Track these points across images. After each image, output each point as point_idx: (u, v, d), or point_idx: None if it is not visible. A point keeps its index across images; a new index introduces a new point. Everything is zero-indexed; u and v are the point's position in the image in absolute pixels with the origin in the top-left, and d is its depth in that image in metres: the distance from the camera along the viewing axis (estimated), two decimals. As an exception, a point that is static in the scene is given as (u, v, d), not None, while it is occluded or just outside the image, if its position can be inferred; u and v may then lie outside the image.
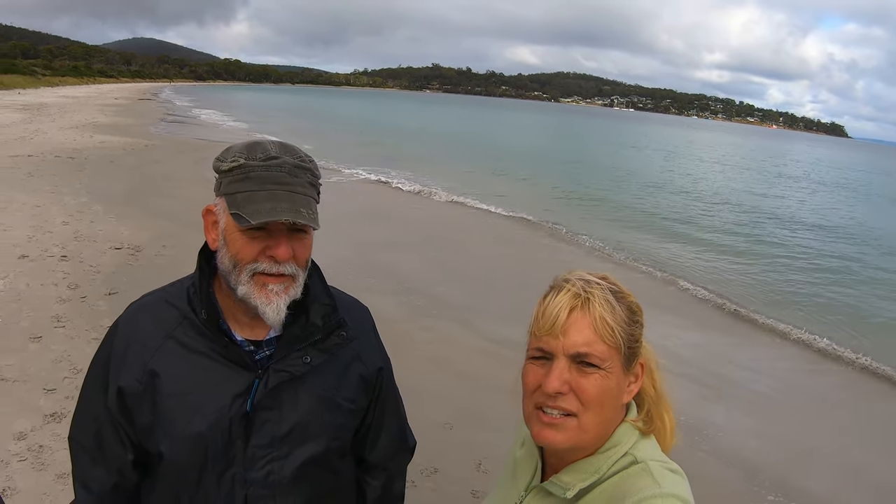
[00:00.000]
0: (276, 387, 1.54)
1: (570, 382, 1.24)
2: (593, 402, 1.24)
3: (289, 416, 1.56)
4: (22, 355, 5.75)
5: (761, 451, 5.84)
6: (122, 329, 1.58)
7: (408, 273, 10.31)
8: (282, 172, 1.45)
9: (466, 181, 22.35)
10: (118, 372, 1.52)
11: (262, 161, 1.44)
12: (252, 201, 1.42)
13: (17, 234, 9.62)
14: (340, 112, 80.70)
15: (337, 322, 1.65)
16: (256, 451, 1.54)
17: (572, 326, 1.24)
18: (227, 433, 1.51)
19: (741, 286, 12.23)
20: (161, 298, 1.60)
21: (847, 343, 9.18)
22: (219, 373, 1.52)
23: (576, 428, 1.26)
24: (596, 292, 1.26)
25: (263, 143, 1.49)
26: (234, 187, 1.45)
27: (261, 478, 1.54)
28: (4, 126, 26.23)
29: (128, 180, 15.52)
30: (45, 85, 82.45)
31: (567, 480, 1.31)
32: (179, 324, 1.54)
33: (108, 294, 7.50)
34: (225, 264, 1.50)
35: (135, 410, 1.52)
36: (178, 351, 1.52)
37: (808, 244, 17.90)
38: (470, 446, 5.14)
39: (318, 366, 1.60)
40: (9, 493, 3.95)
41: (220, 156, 1.51)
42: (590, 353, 1.24)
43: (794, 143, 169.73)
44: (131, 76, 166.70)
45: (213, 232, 1.54)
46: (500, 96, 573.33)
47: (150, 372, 1.50)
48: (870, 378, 8.22)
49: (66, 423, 4.77)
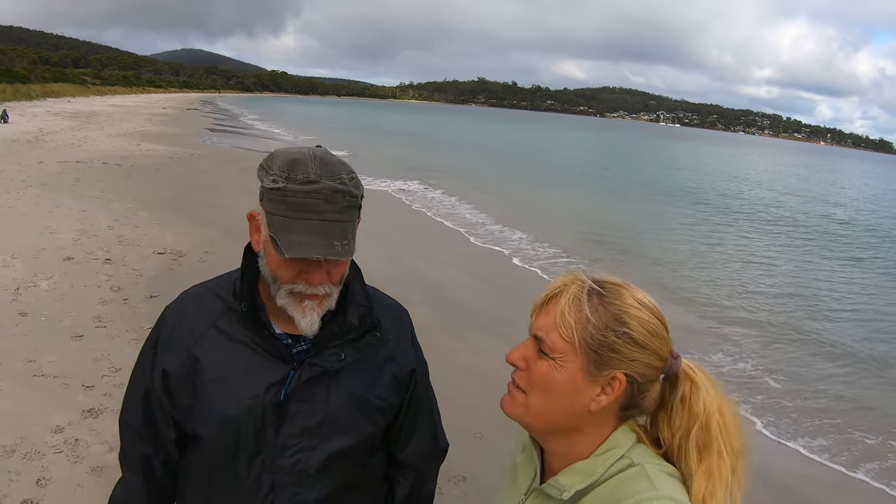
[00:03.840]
0: (310, 380, 1.58)
1: (527, 360, 1.32)
2: (536, 386, 1.29)
3: (320, 409, 1.60)
4: (63, 352, 5.89)
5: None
6: (170, 316, 1.68)
7: (445, 283, 10.36)
8: (318, 199, 1.44)
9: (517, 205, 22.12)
10: (164, 355, 1.62)
11: (301, 184, 1.43)
12: (287, 230, 1.43)
13: (64, 237, 9.87)
14: (387, 125, 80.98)
15: (372, 323, 1.69)
16: (287, 439, 1.58)
17: (542, 312, 1.31)
18: (260, 420, 1.56)
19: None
20: (209, 289, 1.69)
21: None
22: (256, 362, 1.58)
23: (521, 403, 1.33)
24: (572, 289, 1.28)
25: (304, 161, 1.46)
26: (272, 207, 1.46)
27: (289, 465, 1.59)
28: (54, 133, 26.92)
29: (173, 188, 15.81)
30: (94, 94, 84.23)
31: (564, 482, 1.32)
32: (224, 314, 1.62)
33: (150, 297, 7.64)
34: (265, 272, 1.56)
35: (177, 392, 1.60)
36: (220, 339, 1.60)
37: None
38: (499, 456, 5.11)
39: (352, 363, 1.64)
40: (43, 482, 4.05)
41: (264, 164, 1.51)
42: (543, 339, 1.28)
43: (854, 162, 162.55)
44: (179, 86, 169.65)
45: (256, 235, 1.58)
46: (545, 111, 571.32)
47: (193, 357, 1.59)
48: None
49: (103, 419, 4.88)
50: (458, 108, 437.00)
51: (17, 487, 3.97)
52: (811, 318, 11.31)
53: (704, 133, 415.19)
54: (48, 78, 77.29)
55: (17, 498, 3.88)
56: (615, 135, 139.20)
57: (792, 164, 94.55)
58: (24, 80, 64.89)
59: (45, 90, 63.80)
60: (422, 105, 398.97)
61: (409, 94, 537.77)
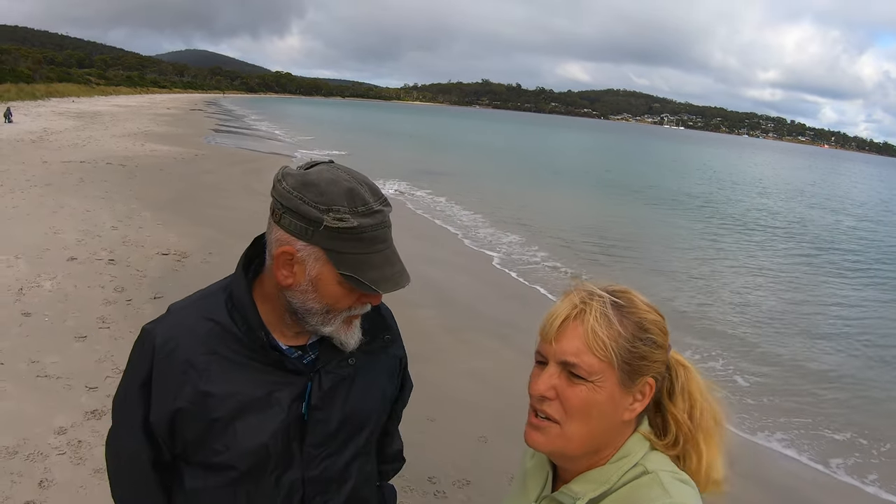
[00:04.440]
0: (329, 388, 1.58)
1: (557, 389, 1.25)
2: (577, 413, 1.24)
3: (336, 414, 1.60)
4: (66, 353, 5.89)
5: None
6: (160, 349, 1.51)
7: (448, 286, 10.34)
8: (385, 229, 1.45)
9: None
10: (164, 395, 1.50)
11: (365, 217, 1.41)
12: (370, 267, 1.42)
13: (67, 237, 9.88)
14: (390, 126, 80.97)
15: (383, 326, 1.75)
16: (311, 450, 1.58)
17: (564, 335, 1.25)
18: (286, 438, 1.54)
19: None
20: (196, 313, 1.56)
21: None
22: (272, 382, 1.53)
23: (558, 435, 1.26)
24: (594, 304, 1.25)
25: (359, 191, 1.42)
26: (341, 245, 1.41)
27: (317, 475, 1.59)
28: (58, 133, 26.99)
29: (177, 189, 15.83)
30: (98, 94, 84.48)
31: (577, 490, 1.31)
32: (222, 339, 1.51)
33: (154, 298, 7.64)
34: (310, 307, 1.49)
35: (185, 430, 1.50)
36: (227, 367, 1.50)
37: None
38: (503, 459, 5.11)
39: (359, 365, 1.66)
40: (46, 484, 4.03)
41: (308, 197, 1.40)
42: (577, 363, 1.23)
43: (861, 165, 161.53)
44: (184, 87, 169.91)
45: (288, 270, 1.47)
46: (549, 113, 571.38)
47: (203, 393, 1.48)
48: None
49: (106, 420, 4.84)
50: (462, 109, 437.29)
51: (19, 489, 3.96)
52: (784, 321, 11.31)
53: (708, 136, 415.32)
54: (52, 78, 77.55)
55: (20, 499, 3.87)
56: (618, 137, 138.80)
57: (800, 167, 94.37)
58: (28, 80, 65.11)
59: (49, 90, 64.00)
60: (426, 107, 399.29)
61: (414, 95, 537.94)
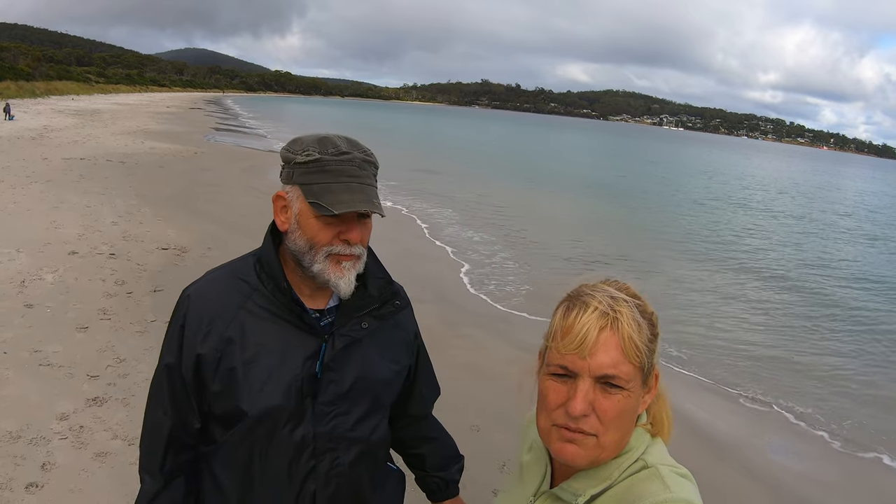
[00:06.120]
0: (341, 349, 1.72)
1: (592, 403, 1.21)
2: (614, 423, 1.22)
3: (348, 375, 1.73)
4: (68, 343, 5.99)
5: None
6: (195, 299, 1.72)
7: (449, 283, 10.45)
8: (353, 166, 1.62)
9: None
10: (194, 340, 1.67)
11: (335, 155, 1.61)
12: (329, 192, 1.59)
13: (68, 231, 9.98)
14: (385, 125, 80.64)
15: (391, 292, 1.88)
16: (323, 407, 1.70)
17: (601, 348, 1.20)
18: (299, 392, 1.68)
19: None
20: (229, 273, 1.76)
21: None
22: (291, 338, 1.69)
23: (595, 446, 1.23)
24: (624, 311, 1.22)
25: (332, 138, 1.65)
26: (310, 178, 1.61)
27: (327, 431, 1.71)
28: (58, 130, 27.04)
29: (177, 185, 15.94)
30: (98, 92, 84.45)
31: (578, 487, 1.30)
32: (250, 296, 1.69)
33: (154, 291, 7.75)
34: (299, 245, 1.66)
35: (210, 376, 1.67)
36: (252, 319, 1.68)
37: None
38: (495, 448, 5.20)
39: (372, 331, 1.79)
40: (48, 466, 4.13)
41: (290, 147, 1.67)
42: (616, 374, 1.20)
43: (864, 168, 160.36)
44: (183, 86, 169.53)
45: (283, 215, 1.69)
46: (548, 113, 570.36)
47: (227, 339, 1.66)
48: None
49: (107, 407, 4.97)
50: (462, 109, 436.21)
51: (22, 471, 4.06)
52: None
53: (707, 137, 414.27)
54: (52, 76, 77.41)
55: (23, 482, 3.96)
56: (616, 139, 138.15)
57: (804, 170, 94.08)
58: (28, 78, 64.99)
59: (49, 88, 64.00)
60: (425, 106, 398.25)
61: (413, 95, 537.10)
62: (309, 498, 1.72)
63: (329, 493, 1.73)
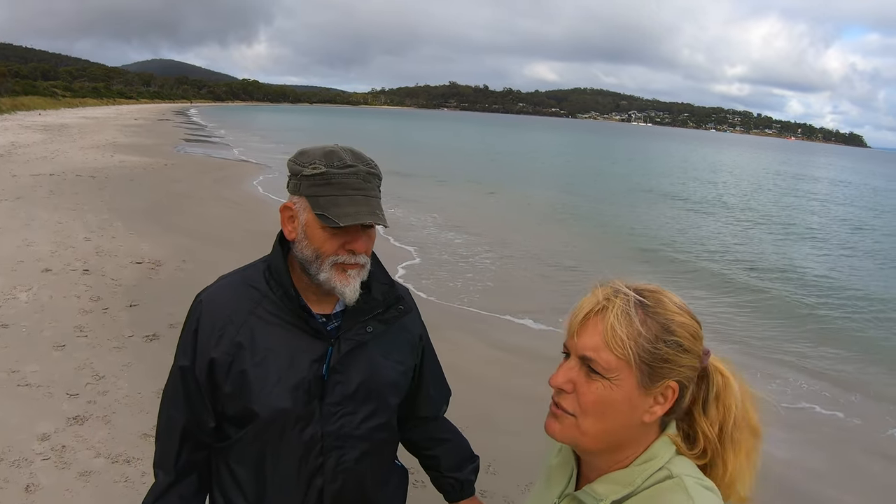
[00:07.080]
0: (347, 353, 1.79)
1: (575, 383, 1.26)
2: (591, 409, 1.25)
3: (355, 377, 1.82)
4: (45, 362, 5.93)
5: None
6: (207, 304, 1.81)
7: (428, 287, 10.49)
8: (358, 179, 1.71)
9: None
10: (207, 344, 1.76)
11: (340, 168, 1.69)
12: (335, 205, 1.67)
13: (41, 249, 9.85)
14: (352, 132, 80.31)
15: (395, 297, 1.95)
16: (330, 408, 1.79)
17: (585, 330, 1.26)
18: (306, 394, 1.76)
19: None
20: (241, 280, 1.84)
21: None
22: (298, 342, 1.77)
23: (573, 426, 1.28)
24: (617, 302, 1.24)
25: (338, 151, 1.73)
26: (316, 191, 1.70)
27: (334, 430, 1.80)
28: (26, 146, 26.65)
29: (148, 198, 15.78)
30: (65, 106, 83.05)
31: (600, 491, 1.31)
32: (260, 303, 1.78)
33: (130, 306, 7.68)
34: (306, 254, 1.75)
35: (222, 378, 1.76)
36: (261, 325, 1.76)
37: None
38: (480, 449, 5.16)
39: (377, 334, 1.87)
40: (32, 488, 4.10)
41: (297, 159, 1.75)
42: (595, 359, 1.23)
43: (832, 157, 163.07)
44: (150, 97, 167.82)
45: (290, 225, 1.78)
46: (517, 113, 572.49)
47: (237, 344, 1.75)
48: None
49: (88, 425, 4.93)
50: (430, 112, 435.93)
51: (6, 494, 4.02)
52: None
53: (675, 131, 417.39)
54: (18, 91, 76.25)
55: (7, 504, 3.93)
56: (583, 138, 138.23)
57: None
58: (-8, 94, 64.11)
59: (14, 103, 63.03)
60: (393, 111, 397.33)
61: (381, 99, 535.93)
62: (317, 493, 1.81)
63: (336, 488, 1.82)
